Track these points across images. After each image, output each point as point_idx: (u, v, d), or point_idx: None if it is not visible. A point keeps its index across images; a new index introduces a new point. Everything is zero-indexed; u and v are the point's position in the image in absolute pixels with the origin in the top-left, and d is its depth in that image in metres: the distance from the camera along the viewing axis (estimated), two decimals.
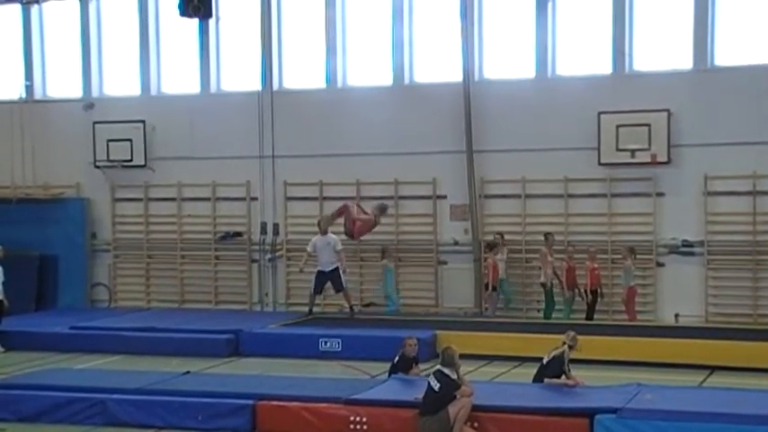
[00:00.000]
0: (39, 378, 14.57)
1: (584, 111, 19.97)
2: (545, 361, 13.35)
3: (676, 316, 19.82)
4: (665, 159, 19.70)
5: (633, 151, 19.74)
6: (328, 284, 20.05)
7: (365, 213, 19.30)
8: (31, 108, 23.58)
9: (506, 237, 20.54)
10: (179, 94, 23.14)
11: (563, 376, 13.08)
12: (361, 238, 19.79)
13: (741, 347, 16.22)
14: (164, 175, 22.90)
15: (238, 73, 22.86)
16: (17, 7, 23.95)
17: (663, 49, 20.20)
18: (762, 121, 19.23)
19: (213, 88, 22.94)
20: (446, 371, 11.78)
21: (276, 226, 22.24)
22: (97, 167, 23.19)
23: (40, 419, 13.02)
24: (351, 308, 20.23)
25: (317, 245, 19.99)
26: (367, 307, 21.35)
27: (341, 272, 19.90)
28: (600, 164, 20.12)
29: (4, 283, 18.91)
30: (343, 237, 19.89)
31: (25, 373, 15.67)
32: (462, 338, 16.50)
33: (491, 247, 20.04)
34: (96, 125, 22.99)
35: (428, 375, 12.29)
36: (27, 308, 21.75)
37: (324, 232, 19.98)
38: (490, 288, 19.95)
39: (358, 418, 12.16)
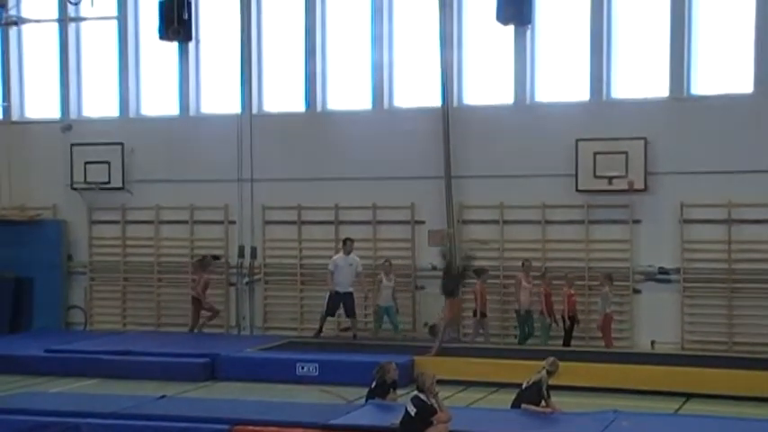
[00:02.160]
0: (13, 402, 14.45)
1: (562, 138, 20.07)
2: (524, 386, 13.37)
3: (653, 343, 19.87)
4: (641, 187, 19.82)
5: (610, 178, 19.86)
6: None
7: None
8: (9, 129, 23.50)
9: (484, 263, 20.53)
10: (158, 117, 23.11)
11: (542, 402, 13.09)
12: None
13: (717, 375, 16.28)
14: (141, 198, 22.83)
15: (218, 96, 22.86)
16: None
17: (640, 77, 20.35)
18: (737, 150, 19.37)
19: (192, 111, 22.92)
20: (423, 396, 11.77)
21: (254, 249, 22.18)
22: (74, 189, 23.10)
23: None
24: (354, 335, 20.33)
25: (339, 263, 20.00)
26: (344, 331, 21.29)
27: (355, 296, 19.87)
28: (577, 190, 20.21)
29: None
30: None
31: None
32: (440, 363, 16.52)
33: (478, 273, 20.02)
34: (74, 147, 22.90)
35: (405, 401, 12.26)
36: (1, 330, 21.60)
37: (348, 252, 19.97)
38: (478, 314, 19.91)
39: None
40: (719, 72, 19.92)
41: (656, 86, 20.15)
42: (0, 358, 18.87)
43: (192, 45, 22.70)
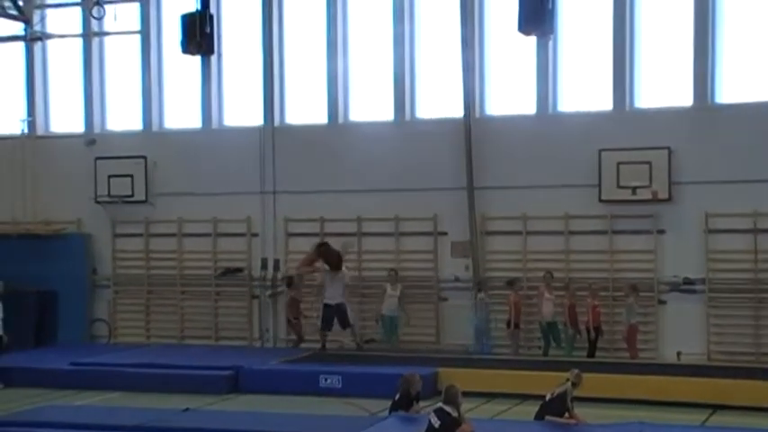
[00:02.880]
0: (38, 415, 14.52)
1: (585, 148, 20.00)
2: (548, 398, 13.30)
3: (678, 354, 19.73)
4: (665, 197, 19.71)
5: (634, 188, 19.77)
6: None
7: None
8: (33, 143, 23.65)
9: (508, 275, 20.48)
10: (181, 130, 23.20)
11: (566, 414, 13.02)
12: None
13: (744, 386, 16.15)
14: (164, 211, 22.90)
15: (240, 109, 22.93)
16: (20, 44, 24.02)
17: (663, 86, 20.26)
18: (762, 159, 19.23)
19: (215, 124, 23.00)
20: (447, 408, 11.73)
21: (277, 262, 22.21)
22: (98, 203, 23.20)
23: None
24: (357, 344, 20.32)
25: (327, 276, 20.08)
26: (368, 343, 21.27)
27: (347, 307, 19.95)
28: (601, 201, 20.12)
29: (3, 319, 18.85)
30: (351, 273, 20.47)
31: (25, 409, 15.59)
32: (463, 375, 16.45)
33: (511, 283, 19.98)
34: (98, 161, 23.02)
35: (429, 413, 12.22)
36: (26, 344, 21.65)
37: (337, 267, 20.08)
38: (512, 326, 19.85)
39: None
40: (744, 81, 19.80)
41: (680, 95, 20.06)
42: (25, 371, 18.95)
43: (214, 58, 22.78)
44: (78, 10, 23.68)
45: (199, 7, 22.15)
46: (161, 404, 15.98)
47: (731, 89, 19.88)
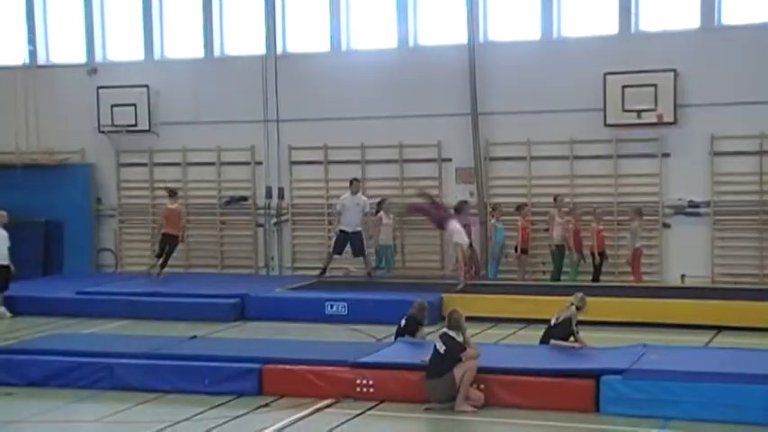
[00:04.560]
0: (46, 343, 14.61)
1: (589, 72, 19.86)
2: (553, 322, 13.35)
3: (682, 277, 19.80)
4: (671, 120, 19.62)
5: (639, 112, 19.66)
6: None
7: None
8: (35, 73, 23.52)
9: (513, 200, 20.47)
10: (183, 59, 23.04)
11: (571, 338, 13.09)
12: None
13: (747, 307, 16.24)
14: (168, 140, 22.85)
15: (242, 37, 22.73)
16: None
17: (669, 8, 20.05)
18: None
19: (217, 52, 22.84)
20: (452, 333, 11.79)
21: (281, 190, 22.23)
22: (101, 133, 23.14)
23: (47, 384, 13.06)
24: (368, 273, 20.33)
25: (346, 204, 20.04)
26: (373, 270, 21.31)
27: (364, 235, 19.92)
28: (606, 125, 20.03)
29: (10, 249, 18.92)
30: (372, 200, 20.42)
31: (32, 338, 15.72)
32: (468, 301, 16.54)
33: (519, 208, 19.95)
34: (100, 90, 22.91)
35: (434, 339, 12.30)
36: (33, 273, 21.78)
37: (354, 192, 19.99)
38: (519, 251, 19.87)
39: (364, 381, 12.18)
40: (751, 2, 19.58)
41: (686, 17, 19.85)
42: (32, 300, 19.07)
43: None
44: None
45: None
46: (168, 332, 16.10)
47: (737, 10, 19.67)
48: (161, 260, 20.94)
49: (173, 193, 21.22)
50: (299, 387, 12.38)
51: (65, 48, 24.02)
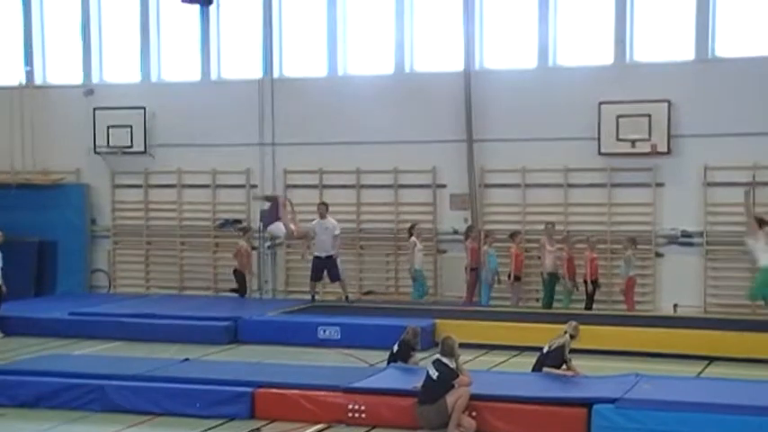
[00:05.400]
0: (37, 364, 14.57)
1: (584, 101, 19.95)
2: (545, 350, 13.37)
3: (675, 306, 19.83)
4: (665, 150, 19.70)
5: (633, 141, 19.75)
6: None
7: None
8: (32, 93, 23.56)
9: (507, 227, 20.51)
10: (180, 82, 23.11)
11: (563, 366, 13.10)
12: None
13: (739, 338, 16.23)
14: (164, 162, 22.89)
15: (239, 60, 22.82)
16: None
17: (664, 39, 20.18)
18: (762, 112, 19.23)
19: (214, 76, 22.91)
20: (445, 360, 11.80)
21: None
22: (97, 153, 23.17)
23: (38, 405, 13.03)
24: (346, 297, 20.28)
25: (316, 229, 20.04)
26: (366, 295, 21.36)
27: (337, 260, 19.95)
28: (600, 154, 20.11)
29: (2, 269, 18.88)
30: (343, 225, 20.16)
31: (24, 358, 15.67)
32: (461, 327, 16.51)
33: (513, 236, 19.99)
34: (97, 111, 22.96)
35: (426, 365, 12.30)
36: (26, 293, 21.74)
37: (322, 216, 20.02)
38: (512, 278, 19.89)
39: (356, 407, 12.17)
40: (745, 35, 19.71)
41: (681, 48, 19.98)
42: (25, 321, 19.01)
43: (213, 8, 22.66)
44: None
45: None
46: (160, 354, 16.06)
47: (732, 42, 19.81)
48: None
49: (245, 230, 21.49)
50: (291, 411, 12.37)
51: (62, 68, 24.08)
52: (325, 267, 20.12)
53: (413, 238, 20.26)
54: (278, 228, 19.90)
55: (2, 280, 18.84)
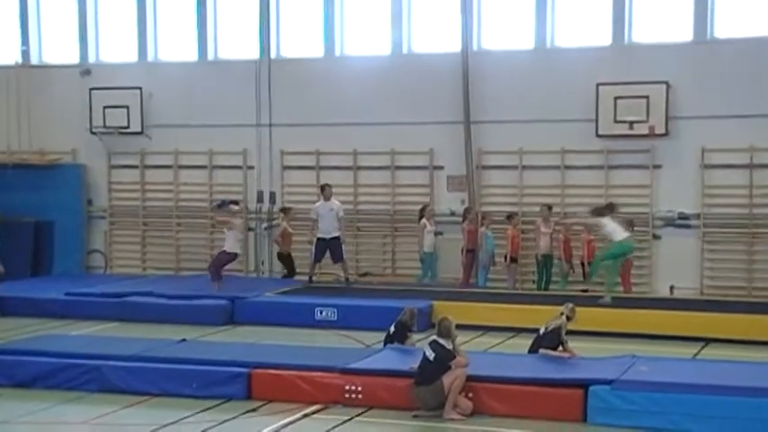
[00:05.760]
0: (34, 344, 14.56)
1: (582, 82, 19.92)
2: (542, 332, 13.37)
3: (671, 288, 19.85)
4: (662, 131, 19.68)
5: (631, 123, 19.71)
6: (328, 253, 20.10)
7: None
8: (28, 73, 23.50)
9: (504, 209, 20.50)
10: (176, 62, 23.05)
11: (560, 347, 13.11)
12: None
13: (736, 320, 16.26)
14: (160, 143, 22.84)
15: (236, 41, 22.75)
16: None
17: (662, 20, 20.12)
18: (760, 94, 19.22)
19: (211, 56, 22.85)
20: (441, 341, 11.79)
21: (273, 194, 22.23)
22: (93, 134, 23.12)
23: (35, 385, 13.03)
24: (346, 278, 20.25)
25: (319, 211, 19.97)
26: (363, 276, 21.36)
27: (341, 241, 19.90)
28: (597, 135, 20.09)
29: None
30: (347, 206, 20.26)
31: (21, 338, 15.66)
32: (458, 309, 16.51)
33: (510, 217, 19.97)
34: (93, 91, 22.88)
35: (423, 346, 12.30)
36: (23, 274, 21.72)
37: (327, 198, 19.98)
38: (508, 259, 19.86)
39: (353, 387, 12.17)
40: (743, 15, 19.66)
41: (679, 30, 19.94)
42: (21, 301, 19.01)
43: None
44: None
45: None
46: (157, 334, 16.05)
47: (730, 24, 19.76)
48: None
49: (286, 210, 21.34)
50: (287, 392, 12.37)
51: (58, 48, 24.01)
52: (328, 248, 20.07)
53: (423, 220, 20.22)
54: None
55: None
